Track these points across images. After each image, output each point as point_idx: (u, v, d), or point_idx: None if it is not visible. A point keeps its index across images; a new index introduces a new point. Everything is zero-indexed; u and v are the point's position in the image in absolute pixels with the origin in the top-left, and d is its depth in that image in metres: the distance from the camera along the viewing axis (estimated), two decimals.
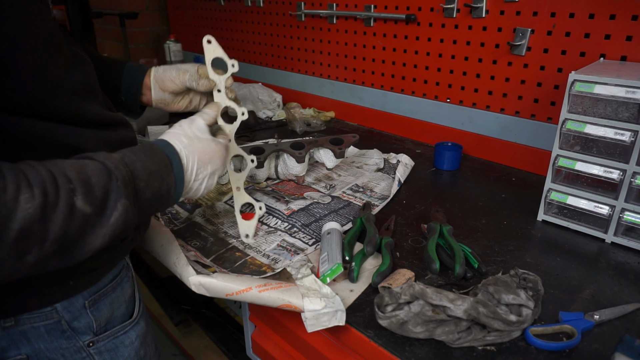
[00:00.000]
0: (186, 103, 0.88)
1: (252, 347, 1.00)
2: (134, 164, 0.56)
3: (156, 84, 0.84)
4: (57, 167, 0.48)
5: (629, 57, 1.00)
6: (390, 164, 1.23)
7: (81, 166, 0.50)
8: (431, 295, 0.63)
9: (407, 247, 0.87)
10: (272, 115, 1.74)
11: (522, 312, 0.64)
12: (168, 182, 0.60)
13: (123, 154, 0.56)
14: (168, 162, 0.61)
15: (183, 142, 0.65)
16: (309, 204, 1.02)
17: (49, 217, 0.45)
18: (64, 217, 0.46)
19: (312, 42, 1.74)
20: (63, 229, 0.46)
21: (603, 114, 0.83)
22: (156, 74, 0.84)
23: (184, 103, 0.88)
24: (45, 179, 0.45)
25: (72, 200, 0.47)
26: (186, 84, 0.82)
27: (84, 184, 0.48)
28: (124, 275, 0.73)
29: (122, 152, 0.57)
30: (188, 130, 0.67)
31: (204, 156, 0.66)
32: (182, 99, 0.87)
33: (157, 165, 0.59)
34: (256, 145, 1.10)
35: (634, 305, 0.70)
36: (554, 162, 0.90)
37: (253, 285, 0.70)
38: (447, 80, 1.36)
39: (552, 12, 1.09)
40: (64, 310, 0.63)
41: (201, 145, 0.67)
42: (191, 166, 0.64)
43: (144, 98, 0.85)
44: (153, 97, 0.85)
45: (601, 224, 0.89)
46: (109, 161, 0.53)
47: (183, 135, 0.66)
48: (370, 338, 0.65)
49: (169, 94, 0.85)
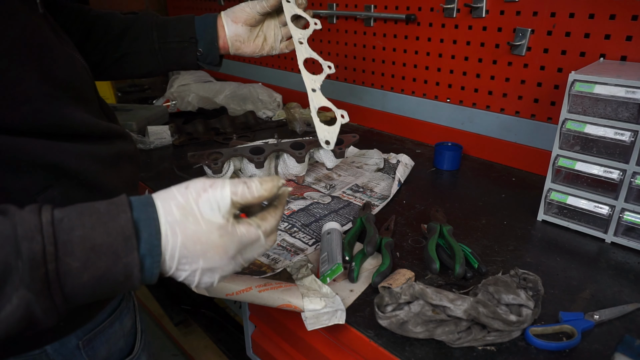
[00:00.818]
0: (261, 41, 0.87)
1: (252, 347, 1.00)
2: (71, 232, 0.39)
3: (227, 17, 0.84)
4: None
5: (629, 57, 1.00)
6: (390, 164, 1.23)
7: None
8: (431, 295, 0.63)
9: (407, 247, 0.87)
10: (272, 115, 1.74)
11: (522, 312, 0.64)
12: (127, 262, 0.40)
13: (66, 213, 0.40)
14: (132, 234, 0.41)
15: (172, 214, 0.43)
16: (309, 204, 1.02)
17: None
18: None
19: (312, 42, 1.73)
20: None
21: (603, 114, 0.83)
22: (227, 11, 0.85)
23: (259, 41, 0.86)
24: None
25: None
26: (257, 7, 0.83)
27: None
28: (123, 306, 0.64)
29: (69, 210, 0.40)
30: (191, 201, 0.44)
31: (194, 245, 0.43)
32: (256, 36, 0.86)
33: (111, 237, 0.40)
34: (256, 145, 1.10)
35: (634, 305, 0.70)
36: (554, 162, 0.90)
37: (253, 285, 0.70)
38: (447, 80, 1.36)
39: (552, 12, 1.09)
40: (54, 352, 0.55)
41: (195, 229, 0.43)
42: (171, 251, 0.43)
43: (220, 41, 0.84)
44: (227, 34, 0.84)
45: (601, 224, 0.89)
46: (22, 227, 0.37)
47: (176, 205, 0.43)
48: (370, 338, 0.65)
49: (242, 25, 0.84)
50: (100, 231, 0.40)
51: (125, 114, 1.55)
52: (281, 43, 0.91)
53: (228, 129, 1.55)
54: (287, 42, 0.91)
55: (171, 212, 0.43)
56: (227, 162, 1.06)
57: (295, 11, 0.85)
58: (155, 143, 1.41)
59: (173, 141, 1.45)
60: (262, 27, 0.87)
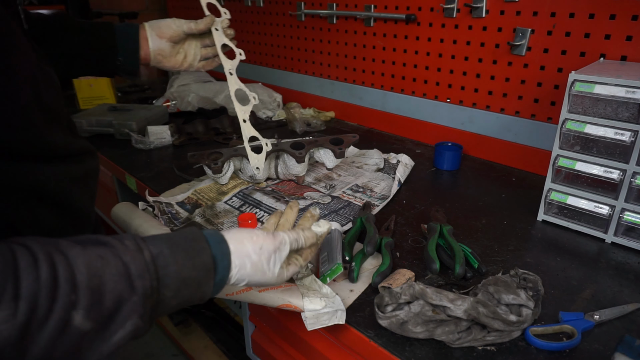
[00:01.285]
0: (182, 58, 0.89)
1: (252, 347, 1.00)
2: (167, 267, 0.45)
3: (152, 31, 0.84)
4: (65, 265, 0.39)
5: (629, 57, 1.00)
6: (390, 164, 1.23)
7: (99, 267, 0.41)
8: (431, 295, 0.63)
9: (407, 247, 0.87)
10: (272, 115, 1.74)
11: (522, 312, 0.64)
12: (204, 290, 0.49)
13: (159, 249, 0.46)
14: (212, 268, 0.49)
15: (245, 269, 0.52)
16: (309, 204, 1.02)
17: (32, 337, 0.36)
18: (52, 338, 0.37)
19: (312, 42, 1.74)
20: (47, 350, 0.38)
21: (603, 114, 0.83)
22: (151, 23, 0.85)
23: (180, 58, 0.88)
24: (41, 288, 0.37)
25: (68, 316, 0.38)
26: (183, 27, 0.85)
27: (92, 293, 0.39)
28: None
29: (159, 245, 0.47)
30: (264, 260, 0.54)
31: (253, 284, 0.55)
32: (177, 52, 0.87)
33: (197, 271, 0.48)
34: (256, 145, 1.10)
35: (634, 305, 0.70)
36: (554, 162, 0.90)
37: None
38: (447, 80, 1.36)
39: (552, 12, 1.09)
40: None
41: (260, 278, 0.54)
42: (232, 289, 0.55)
43: (142, 52, 0.85)
44: (151, 47, 0.85)
45: (601, 224, 0.89)
46: (135, 266, 0.43)
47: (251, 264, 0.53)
48: (370, 338, 0.65)
49: (166, 41, 0.85)
50: (189, 266, 0.47)
51: (125, 114, 1.55)
52: (199, 62, 0.94)
53: (228, 129, 1.55)
54: (205, 63, 0.95)
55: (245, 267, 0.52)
56: (227, 162, 1.06)
57: (223, 40, 0.90)
58: (155, 143, 1.41)
59: (173, 141, 1.45)
60: (183, 45, 0.90)
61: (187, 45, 0.91)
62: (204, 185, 1.11)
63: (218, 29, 0.90)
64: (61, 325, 0.38)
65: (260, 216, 0.98)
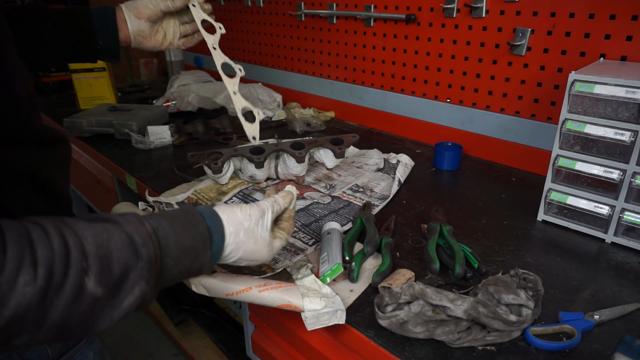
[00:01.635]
0: (161, 37, 0.90)
1: (252, 347, 1.00)
2: (167, 238, 0.49)
3: (130, 12, 0.85)
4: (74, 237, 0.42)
5: (629, 57, 1.00)
6: (390, 164, 1.23)
7: (105, 238, 0.44)
8: (431, 295, 0.63)
9: (407, 247, 0.87)
10: (272, 115, 1.74)
11: (522, 312, 0.64)
12: (202, 259, 0.53)
13: (159, 222, 0.50)
14: (207, 238, 0.54)
15: (239, 237, 0.57)
16: (309, 204, 1.02)
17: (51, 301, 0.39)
18: (68, 302, 0.40)
19: (312, 42, 1.74)
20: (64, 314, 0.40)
21: (603, 114, 0.83)
22: (128, 4, 0.85)
23: (160, 37, 0.89)
24: (55, 255, 0.39)
25: (82, 282, 0.41)
26: (160, 5, 0.85)
27: (101, 261, 0.42)
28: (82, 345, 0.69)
29: (158, 219, 0.50)
30: (253, 226, 0.59)
31: (248, 255, 0.60)
32: (157, 31, 0.88)
33: (194, 241, 0.52)
34: (256, 145, 1.10)
35: (634, 305, 0.70)
36: (554, 162, 0.90)
37: (253, 285, 0.70)
38: (447, 80, 1.36)
39: (552, 12, 1.09)
40: None
41: (253, 247, 0.59)
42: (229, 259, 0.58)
43: (121, 35, 0.85)
44: (130, 28, 0.85)
45: (601, 224, 0.89)
46: (139, 235, 0.46)
47: (244, 230, 0.58)
48: (370, 338, 0.65)
49: (145, 21, 0.86)
50: (187, 236, 0.51)
51: (125, 114, 1.55)
52: (179, 40, 0.95)
53: (228, 129, 1.55)
54: (185, 40, 0.97)
55: (238, 235, 0.57)
56: (227, 162, 1.06)
57: (202, 16, 0.91)
58: (155, 143, 1.41)
59: (173, 141, 1.45)
60: (162, 23, 0.91)
61: (166, 23, 0.91)
62: (204, 185, 1.11)
63: (195, 4, 0.90)
64: (76, 290, 0.40)
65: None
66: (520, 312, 0.64)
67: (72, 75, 1.74)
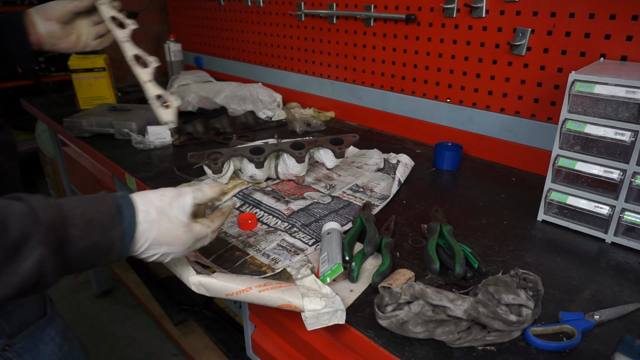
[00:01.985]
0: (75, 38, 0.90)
1: (252, 347, 1.00)
2: (72, 210, 0.50)
3: (38, 15, 0.85)
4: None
5: (629, 57, 1.00)
6: (390, 164, 1.23)
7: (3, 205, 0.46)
8: (431, 295, 0.63)
9: (407, 247, 0.87)
10: (272, 115, 1.74)
11: (522, 312, 0.64)
12: (112, 235, 0.53)
13: (65, 200, 0.52)
14: (116, 213, 0.54)
15: (150, 215, 0.57)
16: (309, 204, 1.02)
17: None
18: None
19: (312, 42, 1.74)
20: None
21: (603, 114, 0.83)
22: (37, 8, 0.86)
23: (73, 38, 0.90)
24: None
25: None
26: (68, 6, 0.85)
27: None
28: None
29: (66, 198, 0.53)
30: (166, 206, 0.59)
31: (164, 238, 0.58)
32: (70, 33, 0.89)
33: (101, 214, 0.52)
34: (256, 145, 1.10)
35: (634, 305, 0.70)
36: (554, 162, 0.90)
37: (253, 285, 0.70)
38: (447, 80, 1.36)
39: (552, 12, 1.09)
40: None
41: (168, 227, 0.58)
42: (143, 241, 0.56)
43: (33, 38, 0.85)
44: (41, 30, 0.85)
45: (601, 224, 0.89)
46: (39, 204, 0.48)
47: (155, 209, 0.57)
48: (370, 338, 0.65)
49: (55, 23, 0.86)
50: (94, 209, 0.52)
51: (125, 114, 1.55)
52: (94, 40, 0.96)
53: (228, 129, 1.55)
54: (100, 40, 0.97)
55: (150, 214, 0.56)
56: (227, 162, 1.06)
57: (111, 13, 0.91)
58: (155, 143, 1.41)
59: (173, 141, 1.45)
60: (74, 25, 0.91)
61: (78, 25, 0.91)
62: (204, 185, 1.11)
63: (104, 2, 0.91)
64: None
65: (260, 216, 0.98)
66: (520, 312, 0.64)
67: (72, 75, 1.73)
